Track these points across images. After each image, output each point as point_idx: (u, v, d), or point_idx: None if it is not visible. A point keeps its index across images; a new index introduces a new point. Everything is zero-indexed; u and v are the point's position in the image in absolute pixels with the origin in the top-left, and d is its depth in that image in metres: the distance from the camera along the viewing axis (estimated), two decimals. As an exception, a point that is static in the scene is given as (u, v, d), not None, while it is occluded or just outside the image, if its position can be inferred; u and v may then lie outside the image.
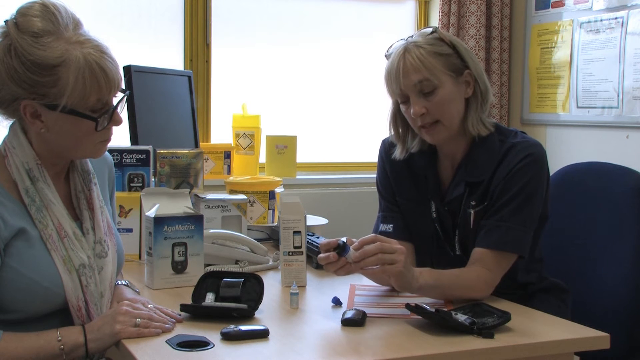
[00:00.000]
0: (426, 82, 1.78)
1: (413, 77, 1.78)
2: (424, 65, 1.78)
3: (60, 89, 1.44)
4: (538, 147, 1.84)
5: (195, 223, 1.87)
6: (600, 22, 3.25)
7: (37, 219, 1.49)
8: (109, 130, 1.56)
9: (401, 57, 1.79)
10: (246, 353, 1.39)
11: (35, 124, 1.49)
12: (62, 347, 1.43)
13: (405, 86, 1.79)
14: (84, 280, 1.52)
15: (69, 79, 1.43)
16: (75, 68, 1.43)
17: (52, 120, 1.48)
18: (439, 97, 1.79)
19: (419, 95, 1.79)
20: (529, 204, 1.79)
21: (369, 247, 1.59)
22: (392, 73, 1.81)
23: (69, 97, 1.44)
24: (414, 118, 1.81)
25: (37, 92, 1.44)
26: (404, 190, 1.97)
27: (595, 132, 3.31)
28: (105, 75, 1.46)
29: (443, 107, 1.80)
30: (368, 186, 2.12)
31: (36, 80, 1.43)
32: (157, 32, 3.27)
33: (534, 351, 1.47)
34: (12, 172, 1.51)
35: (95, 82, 1.46)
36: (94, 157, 1.61)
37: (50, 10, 1.46)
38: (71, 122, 1.48)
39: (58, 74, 1.43)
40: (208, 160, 3.05)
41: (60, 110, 1.45)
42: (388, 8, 3.76)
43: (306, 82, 3.57)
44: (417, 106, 1.79)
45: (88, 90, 1.45)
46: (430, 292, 1.71)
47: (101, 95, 1.48)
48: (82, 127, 1.49)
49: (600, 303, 2.04)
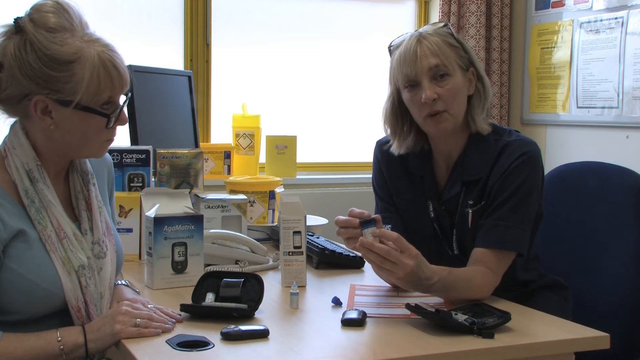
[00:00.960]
0: (442, 67, 1.79)
1: (431, 60, 1.78)
2: (441, 51, 1.79)
3: (75, 85, 1.45)
4: (533, 146, 1.84)
5: (195, 223, 1.87)
6: (600, 22, 3.25)
7: (36, 220, 1.49)
8: (114, 130, 1.57)
9: (417, 42, 1.80)
10: (246, 353, 1.39)
11: (44, 120, 1.48)
12: (62, 348, 1.43)
13: (420, 69, 1.79)
14: (84, 281, 1.52)
15: (84, 76, 1.45)
16: (91, 65, 1.45)
17: (63, 117, 1.48)
18: (451, 84, 1.80)
19: (431, 80, 1.79)
20: (526, 202, 1.79)
21: (379, 245, 1.59)
22: (407, 56, 1.80)
23: (83, 93, 1.46)
24: (423, 104, 1.79)
25: (51, 87, 1.45)
26: (400, 190, 1.97)
27: (595, 132, 3.31)
28: (118, 73, 1.49)
29: (454, 95, 1.80)
30: (368, 186, 2.12)
31: (52, 76, 1.44)
32: (157, 32, 3.27)
33: (534, 351, 1.47)
34: (11, 172, 1.50)
35: (108, 79, 1.47)
36: (96, 156, 1.61)
37: (64, 7, 1.48)
38: (82, 119, 1.49)
39: (73, 69, 1.44)
40: (208, 160, 3.05)
41: (73, 107, 1.46)
42: (388, 8, 3.76)
43: (306, 82, 3.58)
44: (429, 91, 1.78)
45: (102, 88, 1.47)
46: (439, 293, 1.71)
47: (113, 92, 1.50)
48: (92, 124, 1.50)
49: (600, 303, 2.04)
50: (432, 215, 1.92)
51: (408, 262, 1.57)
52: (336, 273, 2.06)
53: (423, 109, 1.81)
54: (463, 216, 1.85)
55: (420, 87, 1.80)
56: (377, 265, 1.60)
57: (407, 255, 1.58)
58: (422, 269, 1.60)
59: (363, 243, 1.59)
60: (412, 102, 1.83)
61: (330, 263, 2.11)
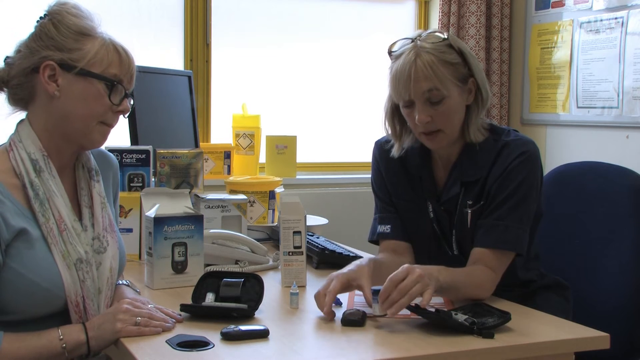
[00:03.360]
0: (435, 92, 1.75)
1: (423, 85, 1.75)
2: (435, 74, 1.74)
3: (84, 53, 1.53)
4: (532, 145, 1.84)
5: (195, 223, 1.87)
6: (600, 22, 3.25)
7: (39, 212, 1.49)
8: (115, 116, 1.59)
9: (412, 62, 1.75)
10: (246, 353, 1.39)
11: (50, 85, 1.52)
12: (64, 346, 1.44)
13: (414, 93, 1.76)
14: (81, 275, 1.52)
15: (94, 47, 1.54)
16: (101, 41, 1.55)
17: (68, 83, 1.52)
18: (445, 107, 1.77)
19: (425, 103, 1.77)
20: (525, 202, 1.79)
21: (393, 296, 1.54)
22: (401, 77, 1.77)
23: (89, 60, 1.53)
24: (417, 125, 1.79)
25: (61, 51, 1.52)
26: (400, 190, 1.97)
27: (595, 132, 3.31)
28: (126, 56, 1.58)
29: (448, 117, 1.79)
30: (368, 186, 2.12)
31: (64, 40, 1.53)
32: (157, 32, 3.27)
33: (534, 351, 1.47)
34: (17, 165, 1.51)
35: (117, 57, 1.56)
36: (94, 143, 1.60)
37: (82, 7, 1.60)
38: (86, 86, 1.53)
39: (85, 40, 1.54)
40: (208, 160, 3.05)
41: (78, 72, 1.52)
42: (388, 8, 3.76)
43: (306, 82, 3.57)
44: (422, 114, 1.77)
45: (109, 60, 1.55)
46: (444, 293, 1.70)
47: (120, 71, 1.57)
48: (95, 92, 1.54)
49: (600, 303, 2.04)
50: (431, 216, 1.92)
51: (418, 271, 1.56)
52: (336, 273, 2.06)
53: (417, 127, 1.81)
54: (462, 216, 1.85)
55: (415, 107, 1.78)
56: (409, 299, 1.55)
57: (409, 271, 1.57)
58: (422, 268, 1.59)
59: (383, 310, 1.55)
60: (408, 118, 1.83)
61: (330, 263, 2.11)
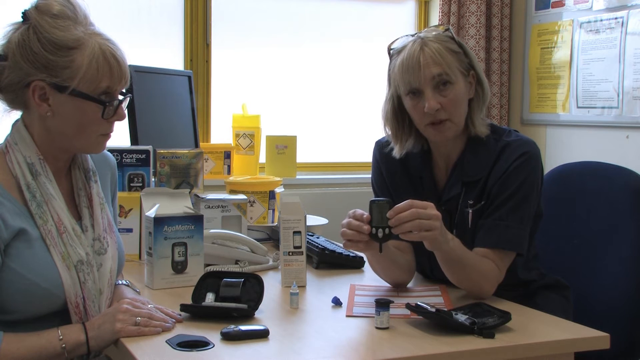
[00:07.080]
0: (445, 76, 1.77)
1: (433, 70, 1.76)
2: (444, 59, 1.77)
3: (73, 71, 1.47)
4: (532, 145, 1.84)
5: (195, 223, 1.87)
6: (600, 22, 3.25)
7: (37, 215, 1.49)
8: (112, 125, 1.57)
9: (420, 50, 1.77)
10: (246, 353, 1.39)
11: (41, 106, 1.49)
12: (64, 346, 1.44)
13: (423, 78, 1.77)
14: (82, 276, 1.52)
15: (83, 62, 1.47)
16: (90, 53, 1.48)
17: (59, 103, 1.49)
18: (453, 93, 1.79)
19: (434, 89, 1.78)
20: (525, 202, 1.80)
21: (405, 213, 1.61)
22: (409, 64, 1.78)
23: (80, 79, 1.47)
24: (425, 113, 1.78)
25: (50, 72, 1.47)
26: (400, 191, 1.96)
27: (595, 132, 3.31)
28: (117, 64, 1.51)
29: (456, 103, 1.80)
30: (368, 186, 2.12)
31: (51, 60, 1.46)
32: (157, 32, 3.27)
33: (534, 351, 1.47)
34: (13, 168, 1.51)
35: (107, 68, 1.49)
36: (93, 151, 1.61)
37: (70, 1, 1.52)
38: (78, 106, 1.49)
39: (73, 55, 1.47)
40: (208, 160, 3.05)
41: (69, 93, 1.47)
42: (388, 8, 3.76)
43: (306, 82, 3.58)
44: (432, 101, 1.77)
45: (100, 76, 1.49)
46: (454, 259, 1.72)
47: (111, 82, 1.51)
48: (87, 112, 1.51)
49: (600, 303, 2.04)
50: (432, 216, 1.92)
51: (436, 212, 1.63)
52: (336, 273, 2.06)
53: (425, 117, 1.80)
54: (463, 216, 1.85)
55: (423, 96, 1.78)
56: (417, 232, 1.62)
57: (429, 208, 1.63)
58: (442, 231, 1.66)
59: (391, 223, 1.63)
60: (414, 110, 1.83)
61: (330, 263, 2.11)
